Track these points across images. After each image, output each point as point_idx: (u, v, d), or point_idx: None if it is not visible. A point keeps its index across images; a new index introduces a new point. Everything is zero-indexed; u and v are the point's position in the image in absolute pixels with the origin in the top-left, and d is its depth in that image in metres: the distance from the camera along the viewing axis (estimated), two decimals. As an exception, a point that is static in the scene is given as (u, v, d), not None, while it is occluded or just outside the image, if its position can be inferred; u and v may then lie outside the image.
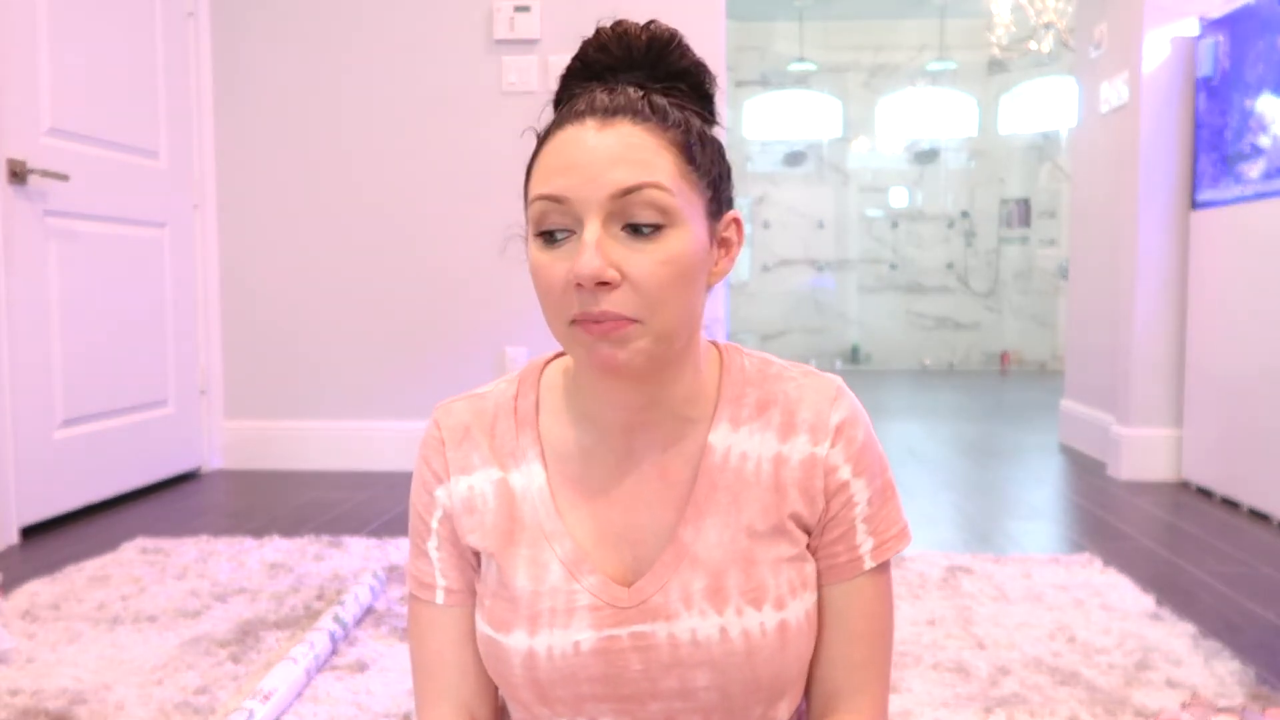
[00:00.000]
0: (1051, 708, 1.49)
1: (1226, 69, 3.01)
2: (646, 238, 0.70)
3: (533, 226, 0.73)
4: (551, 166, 0.71)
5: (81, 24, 2.80)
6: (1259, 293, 2.83)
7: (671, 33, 0.76)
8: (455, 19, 3.40)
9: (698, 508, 0.77)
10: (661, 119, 0.72)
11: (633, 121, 0.71)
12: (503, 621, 0.77)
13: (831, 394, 0.79)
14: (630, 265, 0.69)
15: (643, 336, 0.70)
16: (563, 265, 0.70)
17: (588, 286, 0.68)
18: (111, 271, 2.95)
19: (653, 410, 0.77)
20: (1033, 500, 3.08)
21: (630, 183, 0.69)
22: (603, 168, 0.69)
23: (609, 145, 0.70)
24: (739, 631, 0.74)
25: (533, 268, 0.73)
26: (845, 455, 0.78)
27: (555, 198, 0.70)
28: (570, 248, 0.71)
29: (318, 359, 3.50)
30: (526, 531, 0.78)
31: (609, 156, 0.70)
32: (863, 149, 8.19)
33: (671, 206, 0.70)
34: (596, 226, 0.69)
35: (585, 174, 0.69)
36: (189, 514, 2.86)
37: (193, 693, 1.56)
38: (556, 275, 0.71)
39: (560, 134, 0.72)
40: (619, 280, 0.69)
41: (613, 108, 0.72)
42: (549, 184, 0.71)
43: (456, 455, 0.81)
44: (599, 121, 0.71)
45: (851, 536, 0.79)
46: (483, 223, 3.40)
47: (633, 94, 0.73)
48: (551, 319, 0.73)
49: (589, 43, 0.76)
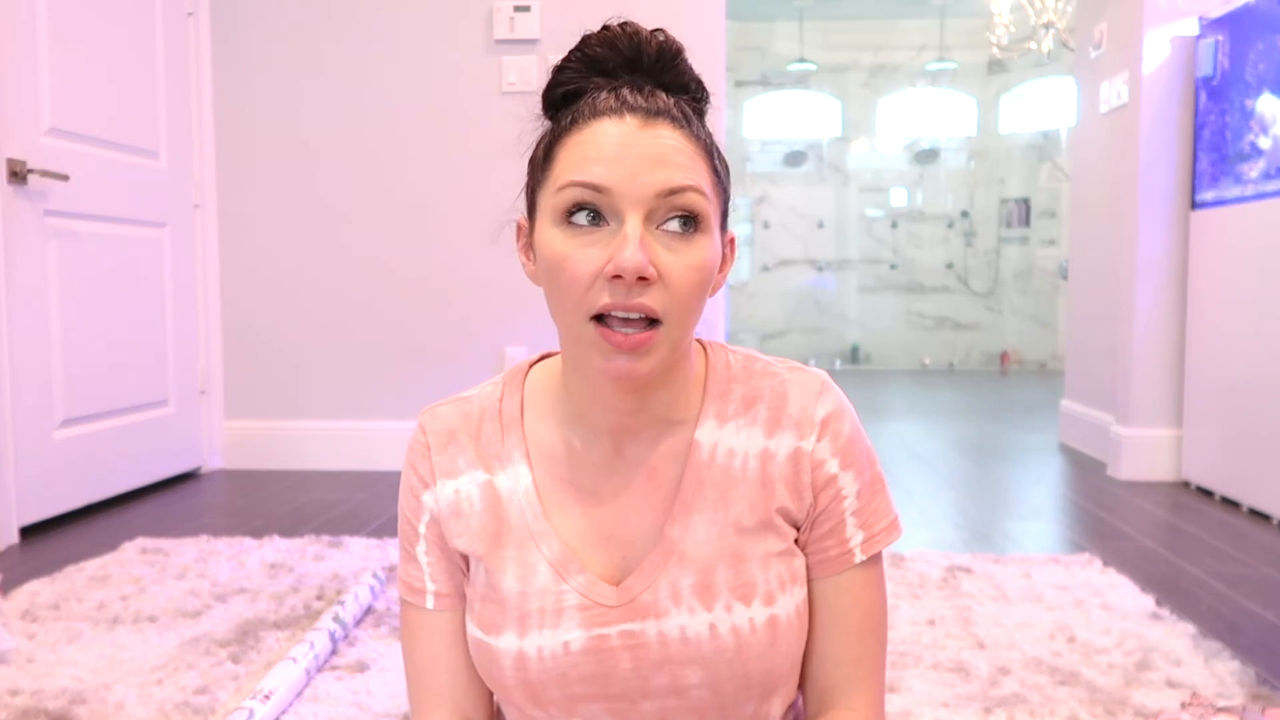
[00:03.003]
0: (1051, 708, 1.49)
1: (1226, 69, 3.01)
2: (682, 238, 0.70)
3: (557, 212, 0.71)
4: (588, 156, 0.70)
5: (81, 24, 2.80)
6: (1259, 293, 2.83)
7: (679, 46, 0.76)
8: (455, 19, 3.40)
9: (685, 505, 0.77)
10: (694, 127, 0.73)
11: (672, 125, 0.71)
12: (492, 624, 0.77)
13: (817, 388, 0.79)
14: (665, 264, 0.69)
15: (662, 345, 0.71)
16: (593, 254, 0.69)
17: (629, 279, 0.68)
18: (111, 271, 2.95)
19: (642, 413, 0.77)
20: (1033, 500, 3.08)
21: (677, 183, 0.69)
22: (649, 165, 0.69)
23: (655, 144, 0.70)
24: (728, 628, 0.75)
25: (553, 256, 0.70)
26: (832, 449, 0.78)
27: (596, 186, 0.69)
28: (599, 236, 0.69)
29: (318, 359, 3.50)
30: (513, 533, 0.78)
31: (655, 155, 0.70)
32: (863, 149, 8.19)
33: (706, 212, 0.71)
34: (638, 221, 0.69)
35: (630, 168, 0.69)
36: (189, 514, 2.86)
37: (193, 693, 1.56)
38: (584, 265, 0.69)
39: (595, 124, 0.71)
40: (656, 277, 0.69)
41: (652, 109, 0.71)
42: (587, 172, 0.69)
43: (442, 459, 0.81)
44: (640, 120, 0.71)
45: (841, 530, 0.79)
46: (483, 223, 3.40)
47: (666, 98, 0.73)
48: (568, 310, 0.71)
49: (594, 37, 0.75)
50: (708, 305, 0.74)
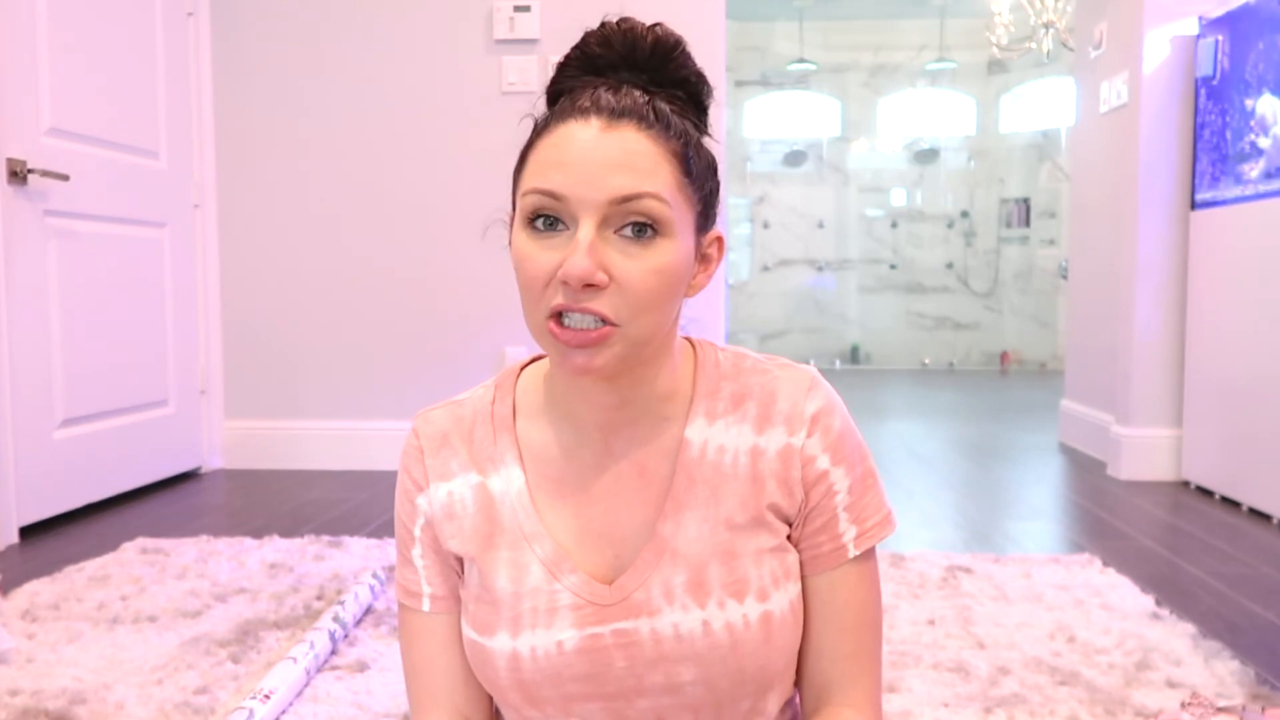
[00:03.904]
0: (1051, 708, 1.49)
1: (1226, 69, 3.01)
2: (638, 244, 0.70)
3: (522, 216, 0.72)
4: (550, 161, 0.70)
5: (81, 24, 2.80)
6: (1259, 293, 2.83)
7: (677, 39, 0.76)
8: (455, 19, 3.40)
9: (676, 502, 0.77)
10: (664, 127, 0.72)
11: (637, 127, 0.71)
12: (486, 624, 0.77)
13: (806, 384, 0.80)
14: (619, 269, 0.69)
15: (617, 343, 0.71)
16: (549, 257, 0.70)
17: (574, 285, 0.68)
18: (111, 271, 2.95)
19: (628, 408, 0.77)
20: (1033, 500, 3.08)
21: (631, 190, 0.69)
22: (605, 171, 0.69)
23: (612, 148, 0.70)
24: (722, 624, 0.75)
25: (517, 257, 0.72)
26: (823, 444, 0.78)
27: (552, 193, 0.70)
28: (559, 240, 0.70)
29: (318, 359, 3.50)
30: (506, 534, 0.78)
31: (611, 160, 0.69)
32: (863, 149, 8.19)
33: (666, 217, 0.70)
34: (591, 227, 0.69)
35: (585, 173, 0.69)
36: (189, 514, 2.86)
37: (193, 693, 1.56)
38: (541, 266, 0.70)
39: (562, 128, 0.71)
40: (606, 283, 0.69)
41: (619, 109, 0.71)
42: (545, 178, 0.70)
43: (435, 463, 0.81)
44: (604, 122, 0.70)
45: (834, 525, 0.79)
46: (483, 223, 3.40)
47: (638, 97, 0.72)
48: (530, 310, 0.72)
49: (592, 35, 0.75)
50: (707, 305, 0.75)
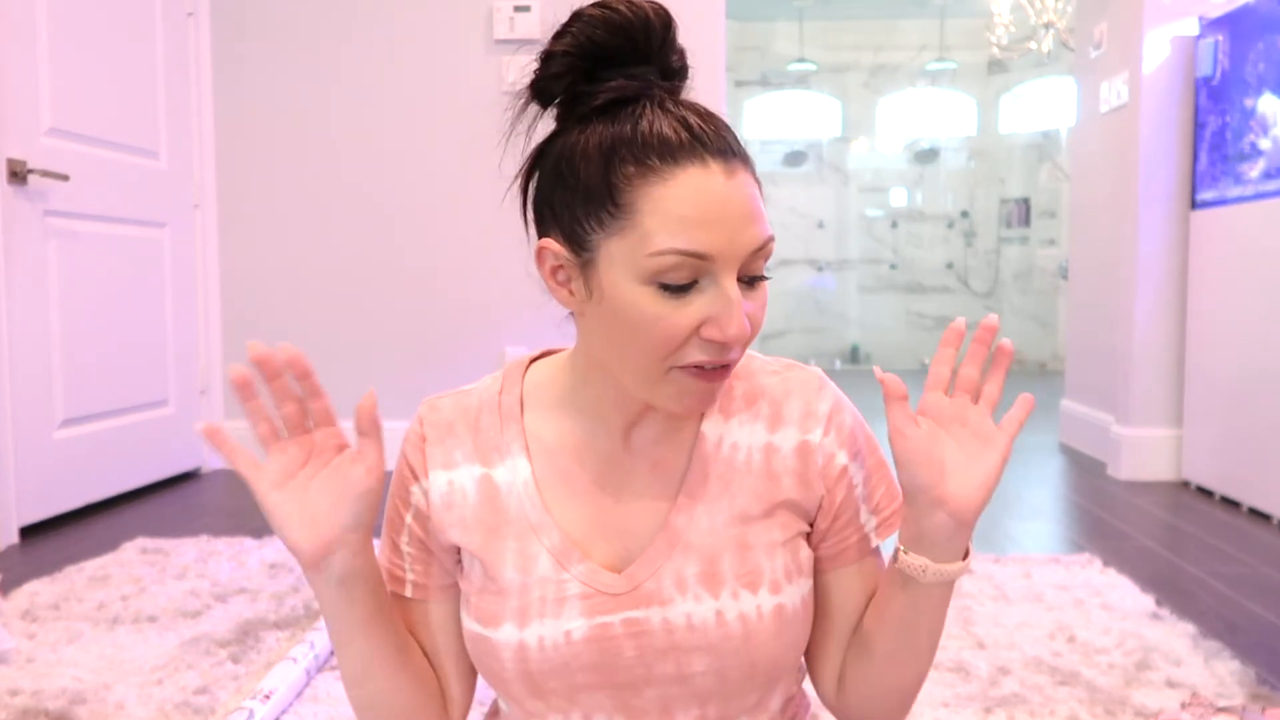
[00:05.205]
0: (1051, 708, 1.49)
1: (1226, 69, 3.01)
2: (753, 286, 0.71)
3: (646, 275, 0.68)
4: (688, 217, 0.67)
5: (81, 24, 2.80)
6: (1259, 293, 2.83)
7: (669, 15, 0.72)
8: (455, 19, 3.40)
9: (690, 494, 0.77)
10: (745, 158, 0.71)
11: (744, 167, 0.70)
12: (491, 616, 0.77)
13: (816, 385, 0.81)
14: (748, 314, 0.70)
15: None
16: (686, 315, 0.68)
17: (733, 346, 0.69)
18: (111, 271, 2.95)
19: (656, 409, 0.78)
20: (1033, 500, 3.08)
21: (762, 240, 0.70)
22: (742, 224, 0.68)
23: (740, 198, 0.69)
24: (736, 615, 0.75)
25: (640, 317, 0.68)
26: (839, 441, 0.80)
27: (699, 255, 0.67)
28: (693, 298, 0.68)
29: (318, 359, 3.47)
30: (512, 525, 0.78)
31: (745, 212, 0.69)
32: (863, 149, 8.19)
33: None
34: (733, 282, 0.69)
35: (727, 230, 0.68)
36: (189, 514, 2.85)
37: (193, 693, 1.56)
38: (679, 327, 0.68)
39: (682, 175, 0.67)
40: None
41: (720, 147, 0.69)
42: (692, 240, 0.67)
43: (438, 451, 0.81)
44: (721, 166, 0.68)
45: (858, 518, 0.81)
46: (483, 223, 3.40)
47: (720, 125, 0.70)
48: (649, 362, 0.70)
49: (596, 22, 0.71)
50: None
